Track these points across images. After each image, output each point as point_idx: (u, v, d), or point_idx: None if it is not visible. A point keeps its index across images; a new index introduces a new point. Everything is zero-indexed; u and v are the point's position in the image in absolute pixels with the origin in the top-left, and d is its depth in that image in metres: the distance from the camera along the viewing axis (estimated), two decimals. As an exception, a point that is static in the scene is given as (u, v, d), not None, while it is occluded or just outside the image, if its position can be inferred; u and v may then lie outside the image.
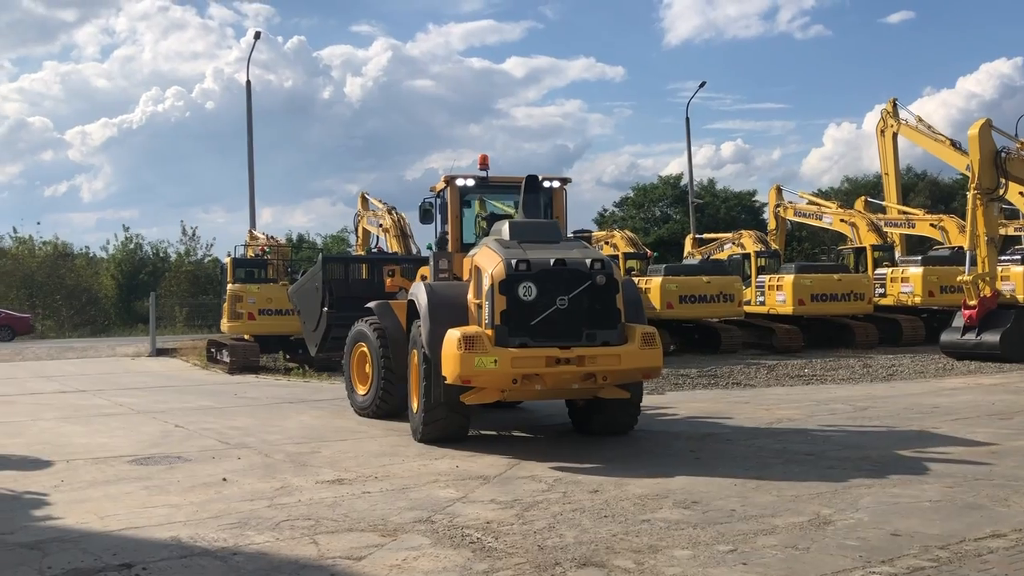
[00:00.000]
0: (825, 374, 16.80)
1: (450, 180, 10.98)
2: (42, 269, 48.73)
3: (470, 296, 9.35)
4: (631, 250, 26.07)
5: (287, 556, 5.55)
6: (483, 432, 10.35)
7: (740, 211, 60.27)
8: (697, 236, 32.55)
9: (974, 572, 4.83)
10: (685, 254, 30.96)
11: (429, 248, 11.48)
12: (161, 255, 52.93)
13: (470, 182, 11.00)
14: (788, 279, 23.27)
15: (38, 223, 69.40)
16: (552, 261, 8.75)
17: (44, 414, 12.96)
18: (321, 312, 15.34)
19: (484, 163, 11.05)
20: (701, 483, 7.33)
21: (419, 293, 9.76)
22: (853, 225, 27.03)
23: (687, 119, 40.48)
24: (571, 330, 8.61)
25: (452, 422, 9.45)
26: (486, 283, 8.81)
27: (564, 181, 11.15)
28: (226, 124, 77.90)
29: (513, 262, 8.68)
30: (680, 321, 22.70)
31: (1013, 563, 4.95)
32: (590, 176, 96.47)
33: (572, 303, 8.62)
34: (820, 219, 29.11)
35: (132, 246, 52.47)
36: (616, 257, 25.19)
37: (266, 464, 8.67)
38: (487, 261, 9.01)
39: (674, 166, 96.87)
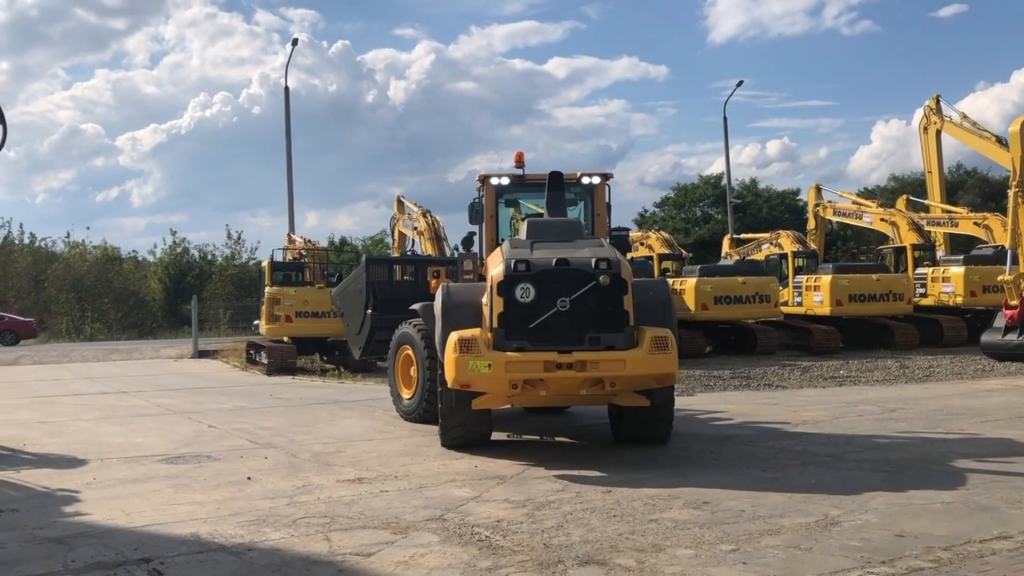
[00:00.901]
0: (860, 375, 16.63)
1: (484, 179, 10.86)
2: (91, 273, 49.88)
3: (484, 298, 9.08)
4: (667, 251, 25.95)
5: (299, 552, 5.71)
6: (524, 436, 10.30)
7: (783, 210, 59.57)
8: (735, 236, 32.32)
9: (973, 573, 4.83)
10: (723, 254, 30.74)
11: (455, 249, 11.51)
12: (208, 258, 53.93)
13: (505, 181, 10.83)
14: (825, 279, 23.02)
15: (87, 228, 70.99)
16: (554, 261, 8.40)
17: (84, 414, 13.35)
18: (365, 314, 15.13)
19: (520, 161, 10.73)
20: (715, 484, 7.35)
21: (437, 294, 9.58)
22: (894, 224, 26.63)
23: (724, 119, 40.25)
24: (574, 333, 8.22)
25: (469, 428, 9.21)
26: (488, 284, 8.68)
27: (605, 177, 10.84)
28: (272, 129, 79.12)
29: (512, 262, 8.39)
30: (716, 322, 22.59)
31: (1014, 564, 4.93)
32: (633, 176, 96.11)
33: (576, 305, 8.24)
34: (860, 218, 28.71)
35: (179, 250, 53.50)
36: (651, 258, 25.12)
37: (291, 463, 8.87)
38: (493, 262, 8.95)
39: (718, 165, 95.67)
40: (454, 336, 8.37)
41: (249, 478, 8.11)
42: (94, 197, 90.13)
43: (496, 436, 9.78)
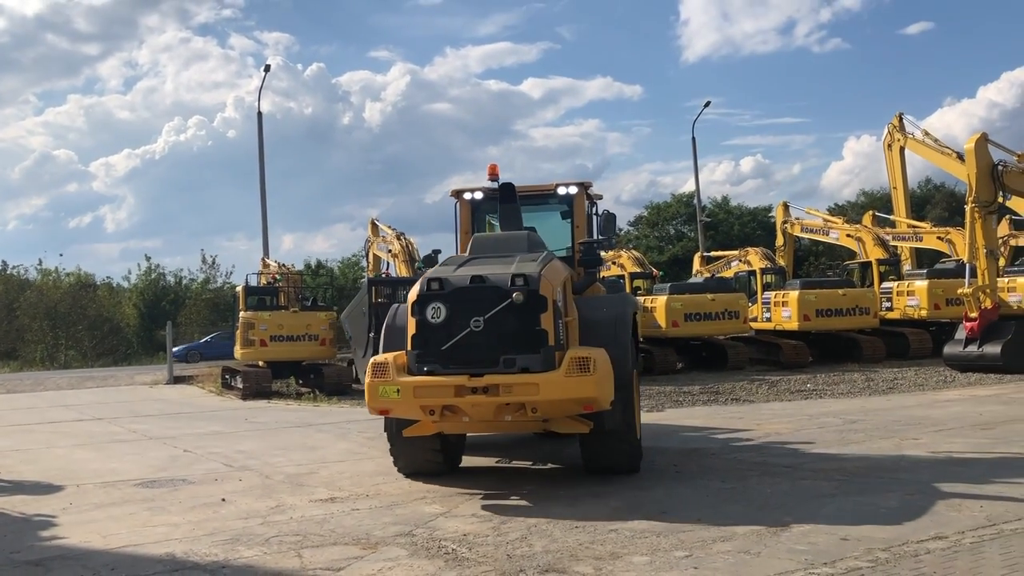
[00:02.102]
0: (826, 388, 17.00)
1: (458, 194, 10.53)
2: (65, 300, 49.64)
3: None
4: (638, 269, 26.31)
5: (271, 569, 5.92)
6: (515, 462, 9.93)
7: (755, 227, 60.30)
8: (705, 254, 32.80)
9: (907, 571, 5.14)
10: (693, 272, 31.18)
11: (419, 267, 11.51)
12: (183, 283, 53.84)
13: (479, 195, 10.41)
14: (793, 295, 23.46)
15: (60, 255, 70.81)
16: (470, 278, 7.85)
17: (60, 441, 13.44)
18: (368, 338, 14.79)
19: (494, 173, 10.06)
20: (675, 495, 7.65)
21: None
22: (859, 240, 27.15)
23: (693, 138, 40.81)
24: (489, 355, 7.60)
25: (415, 456, 8.88)
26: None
27: (582, 186, 10.32)
28: (247, 152, 79.13)
29: (426, 281, 7.93)
30: (687, 339, 22.96)
31: (945, 563, 5.25)
32: (609, 195, 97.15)
33: (491, 325, 7.62)
34: (827, 235, 29.23)
35: (154, 275, 53.40)
36: (623, 277, 25.48)
37: (265, 485, 9.06)
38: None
39: (692, 183, 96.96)
40: (371, 360, 8.05)
41: (224, 500, 8.30)
42: (67, 223, 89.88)
43: (483, 462, 9.80)
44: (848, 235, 27.68)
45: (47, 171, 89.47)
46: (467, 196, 10.51)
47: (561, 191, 10.25)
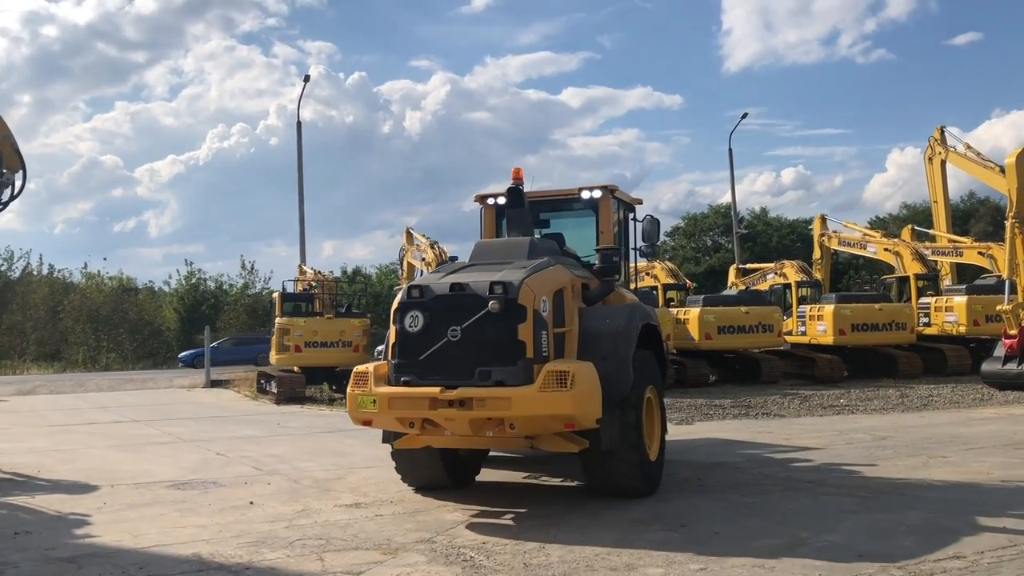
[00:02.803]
0: (858, 404, 16.85)
1: (482, 199, 10.31)
2: (107, 303, 50.61)
3: None
4: (671, 281, 26.26)
5: (293, 571, 6.06)
6: (544, 479, 9.64)
7: (795, 239, 59.75)
8: (740, 266, 32.61)
9: (920, 589, 5.13)
10: (728, 284, 31.03)
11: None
12: (223, 288, 54.65)
13: (502, 200, 10.01)
14: (828, 309, 23.27)
15: (104, 258, 72.20)
16: (449, 286, 7.58)
17: (97, 442, 13.77)
18: None
19: (518, 177, 9.73)
20: (695, 508, 7.68)
21: None
22: (897, 254, 26.89)
23: (730, 149, 40.67)
24: (465, 366, 7.32)
25: (419, 470, 8.71)
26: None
27: (608, 189, 9.87)
28: (289, 160, 79.15)
29: (408, 289, 7.76)
30: (720, 352, 22.87)
31: (960, 582, 5.24)
32: (648, 205, 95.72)
33: (469, 335, 7.34)
34: (865, 248, 28.96)
35: (194, 280, 54.24)
36: (656, 288, 25.44)
37: (293, 489, 9.22)
38: None
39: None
40: (355, 368, 7.99)
41: (251, 503, 8.47)
42: (112, 227, 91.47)
43: (511, 477, 9.70)
44: (886, 249, 27.42)
45: (94, 176, 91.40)
46: (490, 201, 10.36)
47: (585, 195, 9.88)
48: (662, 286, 25.97)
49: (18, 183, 9.43)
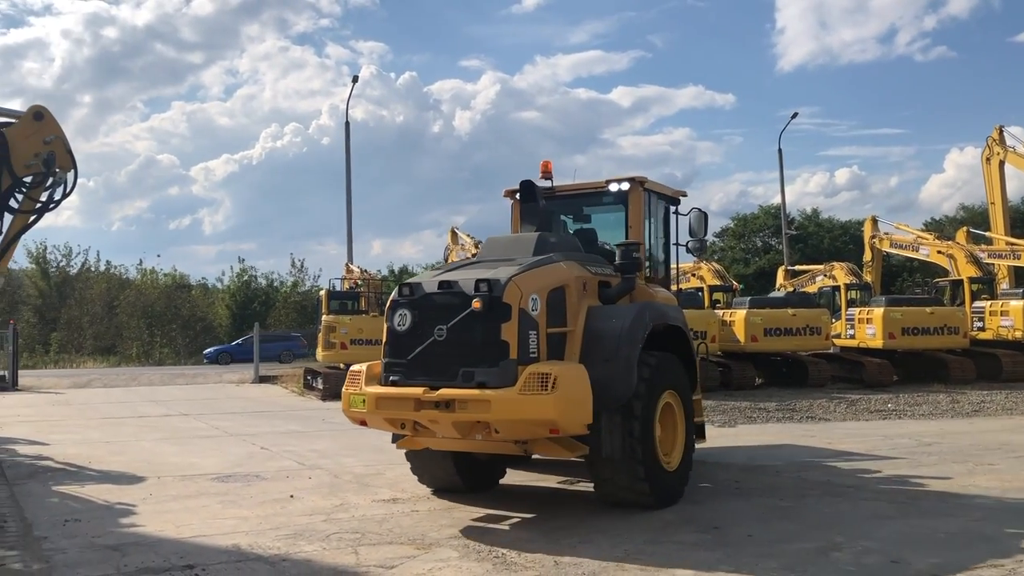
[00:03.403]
0: (906, 409, 16.56)
1: (511, 194, 9.95)
2: (161, 299, 51.68)
3: None
4: (718, 282, 26.05)
5: (328, 564, 6.18)
6: (580, 483, 9.16)
7: (847, 241, 58.78)
8: (789, 268, 32.22)
9: (953, 597, 5.06)
10: (776, 286, 30.68)
11: None
12: (275, 286, 55.50)
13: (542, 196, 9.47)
14: (878, 312, 22.87)
15: (158, 255, 73.65)
16: (437, 284, 7.40)
17: (147, 435, 14.11)
18: None
19: (546, 171, 9.54)
20: (729, 510, 7.64)
21: None
22: (951, 257, 26.34)
23: (779, 150, 40.40)
24: (450, 367, 7.11)
25: (432, 471, 8.56)
26: None
27: (637, 182, 9.34)
28: (340, 159, 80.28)
29: (400, 287, 7.64)
30: (767, 354, 22.63)
31: (995, 590, 5.15)
32: (699, 204, 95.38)
33: (455, 334, 7.13)
34: (917, 251, 28.43)
35: (246, 278, 55.16)
36: (702, 289, 25.26)
37: (333, 484, 9.37)
38: None
39: (786, 193, 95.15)
40: (351, 367, 7.92)
41: (292, 496, 8.64)
42: (167, 225, 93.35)
43: (545, 481, 9.52)
44: (939, 251, 26.86)
45: (151, 175, 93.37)
46: (519, 196, 9.78)
47: (612, 187, 9.32)
48: (708, 287, 25.76)
49: (70, 182, 9.70)
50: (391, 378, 7.41)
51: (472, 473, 8.54)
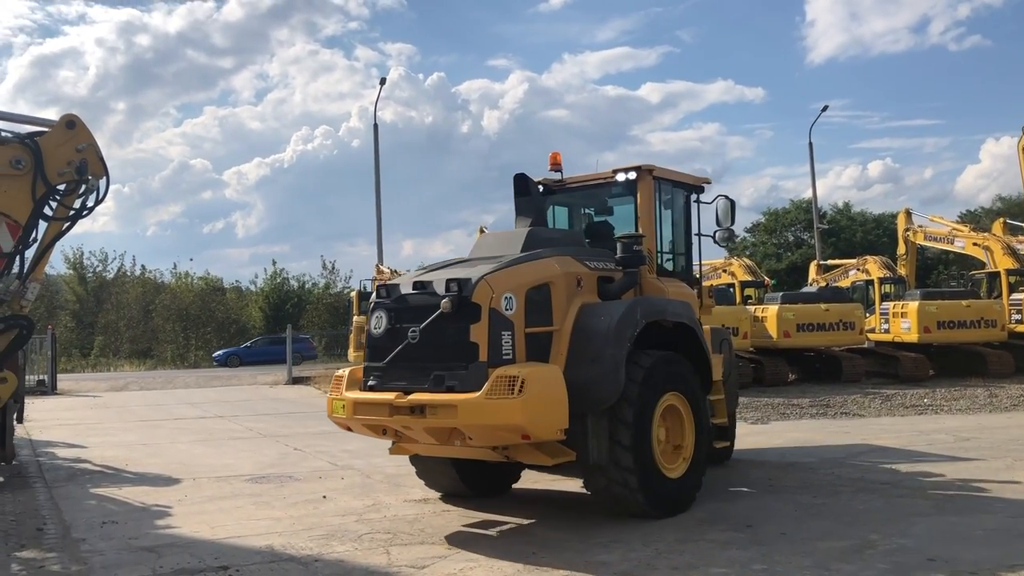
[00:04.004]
0: (943, 404, 16.33)
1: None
2: (196, 303, 52.26)
3: None
4: (749, 278, 25.89)
5: (360, 564, 6.22)
6: None
7: (880, 234, 58.09)
8: (821, 263, 31.90)
9: (990, 595, 4.99)
10: (809, 281, 30.39)
11: None
12: (307, 287, 55.93)
13: (540, 188, 9.28)
14: (912, 306, 22.57)
15: (191, 259, 74.53)
16: (412, 284, 7.21)
17: (182, 437, 14.28)
18: None
19: (555, 163, 9.21)
20: (763, 508, 7.58)
21: None
22: (987, 249, 25.92)
23: (810, 143, 39.64)
24: (423, 370, 6.89)
25: (433, 475, 8.35)
26: None
27: (645, 170, 8.76)
28: (370, 160, 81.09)
29: (378, 288, 7.48)
30: (800, 350, 22.40)
31: (1033, 588, 5.07)
32: (728, 198, 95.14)
33: (427, 336, 6.90)
34: (952, 243, 28.01)
35: (279, 280, 55.60)
36: (733, 285, 25.09)
37: (365, 484, 9.43)
38: None
39: (818, 187, 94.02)
40: (337, 371, 7.83)
41: (324, 497, 8.70)
42: (201, 229, 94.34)
43: (569, 485, 8.91)
44: (975, 244, 26.44)
45: (184, 179, 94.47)
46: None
47: (620, 177, 8.81)
48: (739, 283, 25.62)
49: (102, 188, 9.84)
50: (369, 382, 7.24)
51: (480, 478, 8.26)
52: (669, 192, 9.16)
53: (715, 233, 9.43)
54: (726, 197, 9.29)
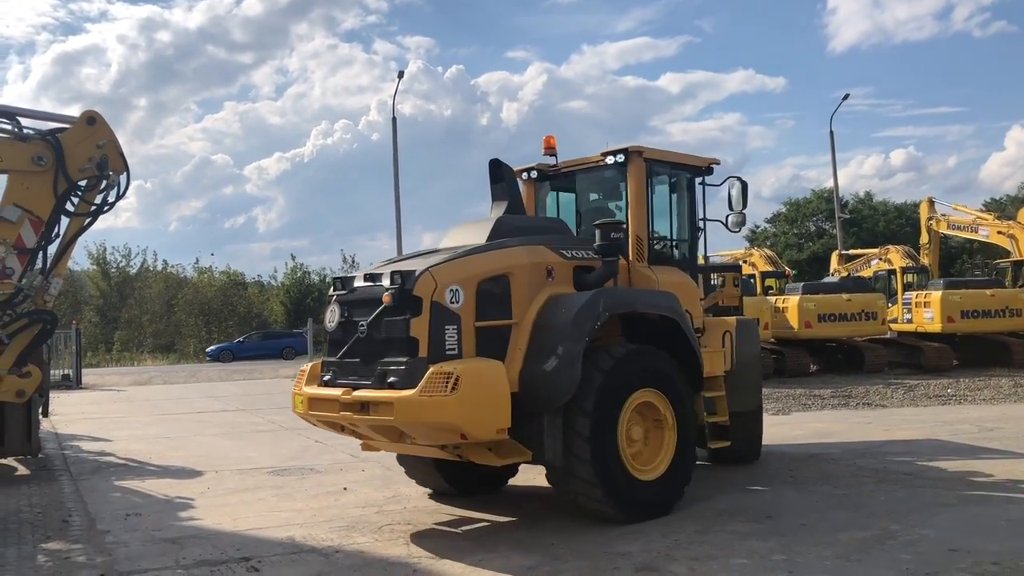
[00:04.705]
0: (967, 394, 16.20)
1: (517, 174, 9.02)
2: (218, 297, 52.68)
3: None
4: (770, 268, 25.72)
5: (380, 554, 6.26)
6: None
7: (903, 223, 57.53)
8: (843, 252, 31.66)
9: (1013, 586, 4.95)
10: (830, 271, 30.18)
11: None
12: (328, 281, 56.19)
13: (534, 173, 9.05)
14: (935, 295, 22.39)
15: (212, 254, 75.03)
16: (364, 277, 7.05)
17: (205, 430, 14.40)
18: None
19: (549, 146, 8.82)
20: (783, 499, 7.55)
21: None
22: (1012, 237, 25.63)
23: (831, 132, 39.22)
24: (370, 366, 6.71)
25: (416, 471, 8.16)
26: None
27: (636, 152, 8.24)
28: (390, 154, 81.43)
29: (334, 280, 7.44)
30: (821, 340, 22.28)
31: (1057, 579, 5.02)
32: (750, 190, 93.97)
33: (374, 331, 6.68)
34: (976, 231, 27.72)
35: (299, 274, 55.97)
36: (754, 276, 24.95)
37: (385, 476, 9.46)
38: None
39: (840, 177, 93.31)
40: (302, 366, 7.74)
41: (345, 488, 8.75)
42: (223, 224, 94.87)
43: None
44: (999, 232, 26.15)
45: (205, 175, 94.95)
46: (524, 175, 9.14)
47: (609, 160, 8.33)
48: (760, 274, 25.46)
49: (123, 184, 9.93)
50: (324, 378, 7.11)
51: (465, 476, 7.95)
52: (666, 174, 8.70)
53: (727, 217, 8.90)
54: (739, 178, 8.84)
